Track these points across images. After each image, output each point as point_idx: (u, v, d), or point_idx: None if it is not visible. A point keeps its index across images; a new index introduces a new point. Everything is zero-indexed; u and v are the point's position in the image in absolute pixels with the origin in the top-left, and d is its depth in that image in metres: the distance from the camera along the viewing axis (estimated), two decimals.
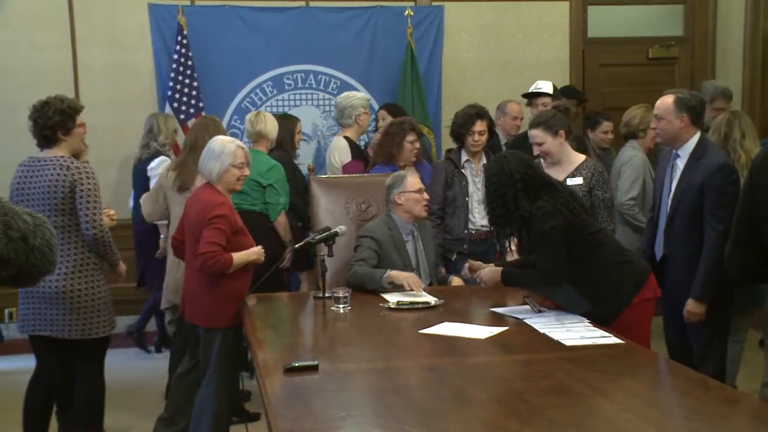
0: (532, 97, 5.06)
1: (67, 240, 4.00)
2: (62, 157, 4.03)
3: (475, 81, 7.19)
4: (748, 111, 6.90)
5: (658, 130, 4.09)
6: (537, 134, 4.23)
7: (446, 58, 7.03)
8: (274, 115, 5.52)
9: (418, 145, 5.08)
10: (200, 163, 4.00)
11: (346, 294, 3.72)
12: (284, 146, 5.57)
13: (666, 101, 4.04)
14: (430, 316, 3.56)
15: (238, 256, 3.85)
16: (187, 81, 6.42)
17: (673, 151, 4.07)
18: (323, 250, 4.11)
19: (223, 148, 3.93)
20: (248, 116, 5.35)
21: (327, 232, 4.09)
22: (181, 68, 6.41)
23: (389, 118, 5.85)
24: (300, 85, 6.83)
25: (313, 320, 3.85)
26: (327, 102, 6.86)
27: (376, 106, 6.51)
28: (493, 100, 6.14)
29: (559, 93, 5.07)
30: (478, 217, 4.91)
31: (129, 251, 5.52)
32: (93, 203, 3.97)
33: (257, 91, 6.75)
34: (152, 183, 5.47)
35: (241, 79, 6.72)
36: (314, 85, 6.84)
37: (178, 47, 6.43)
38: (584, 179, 4.22)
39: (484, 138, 4.97)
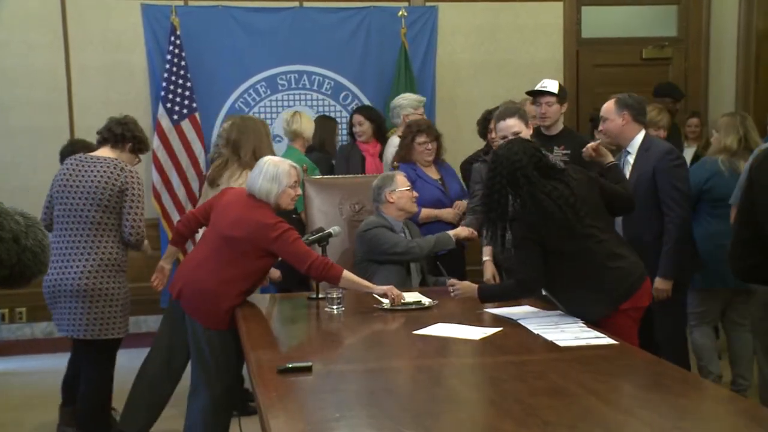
0: (536, 95, 5.04)
1: (100, 237, 4.14)
2: (116, 159, 4.22)
3: (469, 82, 7.20)
4: (742, 109, 6.92)
5: (603, 131, 4.39)
6: (514, 123, 4.23)
7: (440, 58, 7.03)
8: (321, 116, 5.78)
9: (430, 146, 5.05)
10: (252, 181, 3.89)
11: (340, 295, 3.72)
12: (326, 147, 5.67)
13: (608, 104, 4.38)
14: (423, 317, 3.56)
15: (355, 281, 3.81)
16: (180, 81, 6.41)
17: (623, 149, 4.36)
18: (317, 250, 4.11)
19: (278, 169, 3.88)
20: (284, 115, 5.61)
21: (321, 233, 4.09)
22: (174, 68, 6.40)
23: (367, 123, 5.89)
24: (294, 85, 6.82)
25: (306, 321, 3.85)
26: (321, 102, 6.85)
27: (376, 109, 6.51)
28: (488, 101, 6.14)
29: (565, 93, 5.05)
30: None
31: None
32: (140, 209, 4.17)
33: (251, 91, 6.75)
34: None
35: (235, 80, 6.71)
36: (308, 86, 6.84)
37: (171, 47, 6.42)
38: None
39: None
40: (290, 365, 2.77)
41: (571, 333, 3.17)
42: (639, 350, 3.06)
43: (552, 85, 4.96)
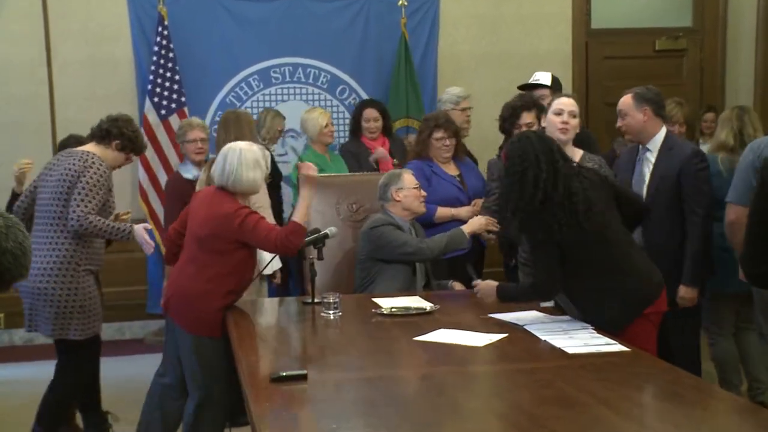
0: (529, 89, 5.06)
1: (59, 232, 4.19)
2: (88, 152, 4.27)
3: (471, 74, 7.20)
4: (760, 104, 6.94)
5: (624, 127, 4.37)
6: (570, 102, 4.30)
7: (442, 50, 7.04)
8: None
9: (448, 142, 5.02)
10: (225, 174, 3.88)
11: (337, 300, 3.73)
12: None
13: (626, 99, 4.36)
14: (425, 322, 3.56)
15: (298, 213, 3.90)
16: (168, 75, 6.41)
17: (640, 147, 4.36)
18: (312, 253, 4.12)
19: (255, 154, 3.92)
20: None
21: (316, 234, 4.10)
22: (161, 61, 6.41)
23: (380, 119, 5.94)
24: (288, 78, 6.83)
25: (301, 327, 3.85)
26: (317, 97, 6.86)
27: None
28: (491, 94, 6.16)
29: (560, 85, 5.07)
30: None
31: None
32: (86, 196, 4.14)
33: (242, 85, 6.75)
34: None
35: (226, 73, 6.72)
36: (303, 79, 6.85)
37: (158, 39, 6.42)
38: None
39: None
40: (284, 373, 2.78)
41: (580, 339, 3.17)
42: (652, 357, 3.07)
43: (545, 78, 4.98)
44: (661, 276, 3.53)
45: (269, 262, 4.25)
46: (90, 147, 4.35)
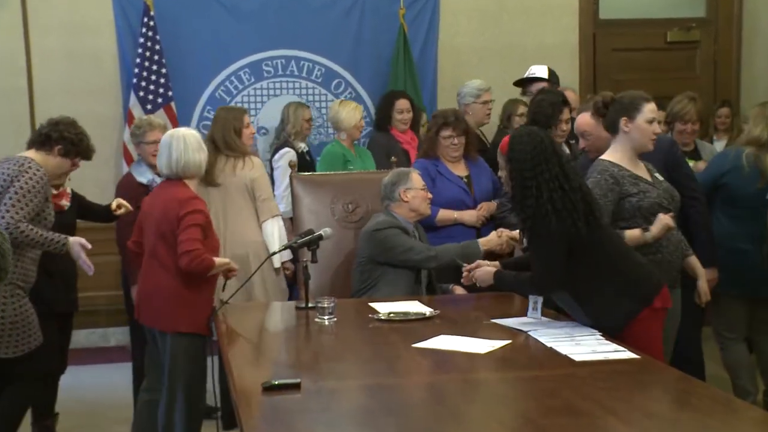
0: (526, 84, 5.05)
1: None
2: (26, 157, 4.12)
3: (473, 68, 7.19)
4: None
5: (588, 147, 4.26)
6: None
7: (442, 42, 7.04)
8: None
9: (456, 141, 4.94)
10: (177, 157, 4.05)
11: (332, 304, 3.73)
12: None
13: (584, 118, 4.23)
14: (424, 328, 3.56)
15: (218, 261, 4.01)
16: (154, 68, 6.41)
17: None
18: (306, 255, 4.12)
19: (195, 137, 4.13)
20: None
21: (310, 236, 4.09)
22: (147, 53, 6.40)
23: (410, 111, 6.03)
24: (280, 72, 6.83)
25: (295, 333, 3.85)
26: (310, 91, 6.86)
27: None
28: (494, 88, 6.16)
29: (557, 78, 5.06)
30: None
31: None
32: (18, 201, 3.99)
33: (233, 78, 6.75)
34: (276, 175, 5.85)
35: (215, 66, 6.71)
36: (296, 73, 6.84)
37: (144, 30, 6.42)
38: None
39: (569, 127, 4.87)
40: (276, 382, 2.77)
41: (587, 346, 3.17)
42: (662, 365, 3.07)
43: (541, 71, 4.98)
44: (659, 275, 3.60)
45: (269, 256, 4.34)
46: (30, 153, 4.21)
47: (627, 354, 3.07)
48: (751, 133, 4.70)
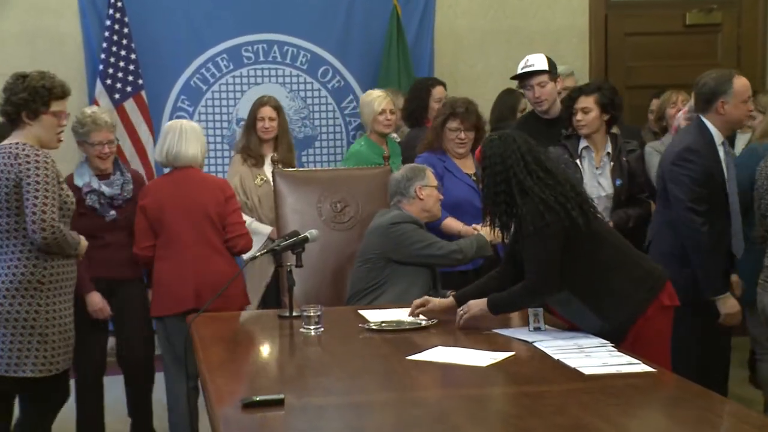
0: (523, 78, 5.03)
1: (11, 247, 3.95)
2: (16, 144, 3.96)
3: (474, 54, 7.22)
4: None
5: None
6: None
7: (439, 25, 7.05)
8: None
9: (463, 135, 4.91)
10: (179, 148, 4.60)
11: (318, 313, 3.74)
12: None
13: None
14: (420, 338, 3.58)
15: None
16: (123, 53, 6.41)
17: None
18: (290, 259, 4.13)
19: (196, 131, 4.69)
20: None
21: (295, 238, 4.10)
22: (115, 37, 6.40)
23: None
24: (262, 58, 6.83)
25: (277, 344, 3.86)
26: (295, 79, 6.86)
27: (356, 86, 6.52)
28: (496, 76, 6.18)
29: (555, 68, 5.05)
30: None
31: None
32: (42, 198, 3.88)
33: (209, 65, 6.75)
34: None
35: (190, 52, 6.71)
36: (279, 59, 6.85)
37: (111, 11, 6.41)
38: None
39: (591, 117, 4.74)
40: (258, 398, 2.78)
41: (597, 358, 3.19)
42: (680, 378, 3.08)
43: (539, 62, 4.95)
44: (663, 269, 3.68)
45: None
46: (15, 138, 4.04)
47: (641, 367, 3.09)
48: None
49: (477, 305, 3.69)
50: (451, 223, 4.79)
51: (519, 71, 5.01)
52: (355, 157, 5.61)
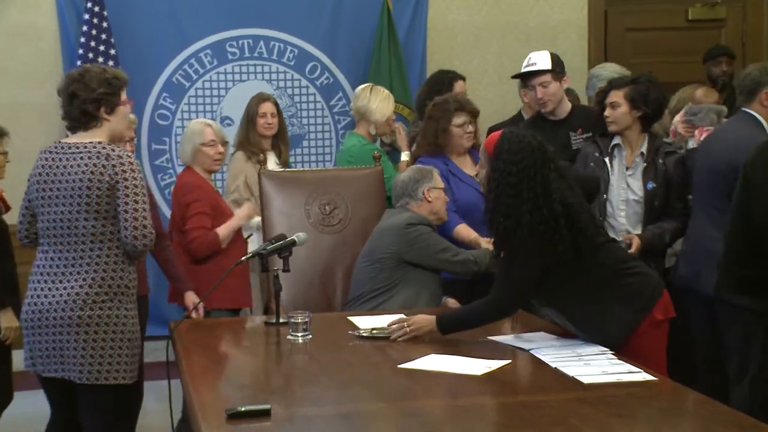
0: (526, 77, 5.00)
1: (97, 252, 3.89)
2: (100, 143, 3.91)
3: (468, 50, 7.23)
4: None
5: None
6: None
7: (432, 20, 7.06)
8: None
9: (470, 128, 4.94)
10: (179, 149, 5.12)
11: (306, 320, 3.74)
12: None
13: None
14: (411, 346, 3.57)
15: (224, 228, 4.84)
16: (102, 48, 6.41)
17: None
18: (277, 263, 4.12)
19: (191, 129, 5.01)
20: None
21: (282, 241, 4.10)
22: (93, 32, 6.40)
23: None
24: (247, 54, 6.84)
25: (264, 352, 3.86)
26: (282, 76, 6.87)
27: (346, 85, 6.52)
28: (491, 73, 6.19)
29: (562, 65, 5.00)
30: (624, 222, 4.66)
31: None
32: (142, 204, 3.86)
33: (192, 61, 6.75)
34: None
35: (172, 47, 6.72)
36: (265, 55, 6.86)
37: (89, 4, 6.41)
38: None
39: (619, 113, 4.64)
40: (243, 408, 2.78)
41: (597, 366, 3.19)
42: (683, 387, 3.09)
43: (542, 60, 4.89)
44: (659, 281, 3.66)
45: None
46: (92, 136, 3.93)
47: (642, 375, 3.09)
48: None
49: (425, 323, 3.64)
50: (464, 231, 4.73)
51: (522, 70, 4.98)
52: (359, 151, 5.49)
